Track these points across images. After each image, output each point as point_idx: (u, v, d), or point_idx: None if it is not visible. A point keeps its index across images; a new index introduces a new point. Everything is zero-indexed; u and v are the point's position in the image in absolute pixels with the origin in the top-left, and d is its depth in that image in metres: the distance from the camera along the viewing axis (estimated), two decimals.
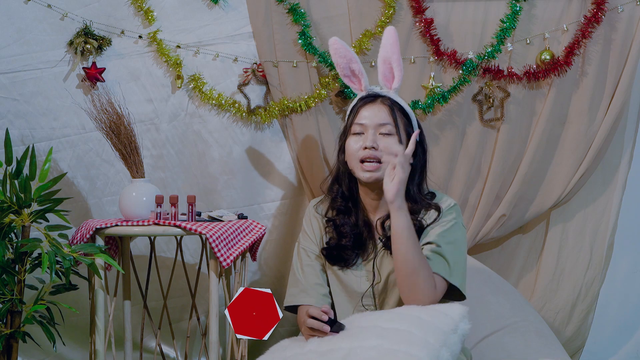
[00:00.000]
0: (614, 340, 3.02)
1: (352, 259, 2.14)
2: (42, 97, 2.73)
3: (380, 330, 1.83)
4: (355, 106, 2.18)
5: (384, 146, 2.10)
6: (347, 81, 2.27)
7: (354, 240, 2.14)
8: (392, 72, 2.19)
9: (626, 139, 2.89)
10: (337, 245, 2.15)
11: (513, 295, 2.70)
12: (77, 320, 2.74)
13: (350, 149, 2.13)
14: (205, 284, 2.71)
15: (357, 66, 2.23)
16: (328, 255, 2.17)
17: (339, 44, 2.26)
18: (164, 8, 2.76)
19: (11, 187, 2.33)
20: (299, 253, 2.22)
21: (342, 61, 2.26)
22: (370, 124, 2.12)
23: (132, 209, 2.39)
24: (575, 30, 2.77)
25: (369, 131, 2.11)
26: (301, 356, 1.86)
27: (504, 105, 2.79)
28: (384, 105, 2.14)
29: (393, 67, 2.18)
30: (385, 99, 2.16)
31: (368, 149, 2.09)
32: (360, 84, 2.23)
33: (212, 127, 2.79)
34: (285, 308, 2.21)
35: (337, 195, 2.20)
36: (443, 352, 1.80)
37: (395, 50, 2.18)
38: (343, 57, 2.25)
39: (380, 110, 2.13)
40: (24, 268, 2.33)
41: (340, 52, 2.25)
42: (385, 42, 2.20)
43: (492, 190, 2.82)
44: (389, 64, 2.19)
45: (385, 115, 2.13)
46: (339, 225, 2.16)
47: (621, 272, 3.00)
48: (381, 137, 2.11)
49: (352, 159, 2.13)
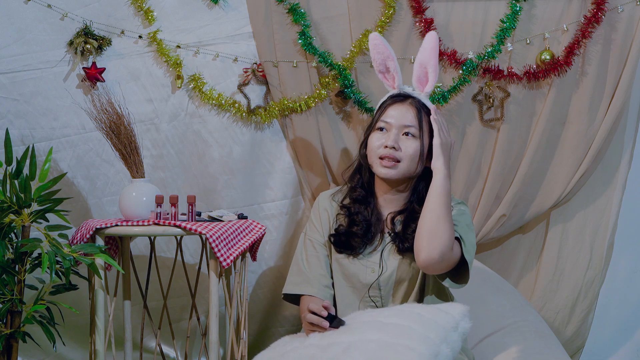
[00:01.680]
0: (614, 340, 3.02)
1: (359, 248, 2.17)
2: (42, 97, 2.73)
3: (381, 325, 1.84)
4: (385, 103, 2.22)
5: (404, 148, 2.13)
6: (382, 77, 2.30)
7: (365, 229, 2.17)
8: (426, 76, 2.22)
9: (626, 139, 2.89)
10: (346, 232, 2.18)
11: (513, 295, 2.70)
12: (77, 320, 2.74)
13: (372, 145, 2.17)
14: (205, 284, 2.71)
15: (394, 64, 2.26)
16: (336, 242, 2.20)
17: (378, 40, 2.29)
18: (164, 8, 2.76)
19: (11, 187, 2.33)
20: (305, 243, 2.26)
21: (379, 57, 2.28)
22: (396, 124, 2.16)
23: (132, 209, 2.39)
24: (575, 30, 2.77)
25: (393, 130, 2.15)
26: (301, 350, 1.87)
27: (504, 105, 2.79)
28: (412, 107, 2.17)
29: (428, 72, 2.21)
30: (415, 100, 2.19)
31: (389, 148, 2.13)
32: (394, 81, 2.26)
33: (212, 127, 2.79)
34: (285, 297, 2.22)
35: (357, 185, 2.24)
36: (443, 348, 1.80)
37: (434, 55, 2.21)
38: (381, 53, 2.28)
39: (408, 111, 2.17)
40: (24, 268, 2.33)
41: (379, 48, 2.28)
42: (426, 46, 2.22)
43: (492, 190, 2.82)
44: (424, 68, 2.22)
45: (412, 117, 2.16)
46: (353, 213, 2.20)
47: (621, 272, 3.00)
48: (404, 138, 2.15)
49: (372, 154, 2.17)
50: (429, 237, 2.01)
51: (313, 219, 2.27)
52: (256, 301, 2.92)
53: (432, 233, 2.01)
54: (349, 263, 2.18)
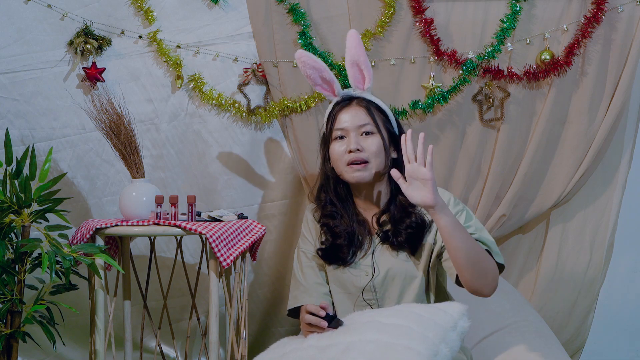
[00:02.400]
0: (614, 340, 3.03)
1: (348, 257, 2.16)
2: (42, 97, 2.73)
3: (380, 325, 1.84)
4: (332, 112, 2.22)
5: (367, 146, 2.13)
6: (320, 89, 2.31)
7: (349, 239, 2.16)
8: (361, 73, 2.24)
9: (626, 139, 2.89)
10: (332, 246, 2.18)
11: (513, 295, 2.70)
12: (77, 320, 2.74)
13: (336, 154, 2.17)
14: (205, 284, 2.71)
15: (328, 74, 2.27)
16: (324, 256, 2.19)
17: (306, 56, 2.30)
18: (164, 8, 2.76)
19: (11, 187, 2.33)
20: (299, 256, 2.26)
21: (312, 72, 2.29)
22: (351, 127, 2.16)
23: (132, 209, 2.39)
24: (575, 30, 2.77)
25: (351, 134, 2.15)
26: (300, 351, 1.87)
27: (504, 105, 2.79)
28: (360, 107, 2.18)
29: (362, 69, 2.23)
30: (360, 100, 2.20)
31: (353, 152, 2.13)
32: (333, 89, 2.27)
33: (212, 127, 2.79)
34: (289, 313, 2.23)
35: (325, 203, 2.23)
36: (442, 348, 1.80)
37: (361, 52, 2.22)
38: (312, 67, 2.29)
39: (357, 111, 2.17)
40: (24, 268, 2.33)
41: (309, 64, 2.29)
42: (349, 45, 2.24)
43: (492, 190, 2.82)
44: (357, 65, 2.23)
45: (364, 115, 2.16)
46: (332, 226, 2.19)
47: (621, 272, 3.00)
48: (363, 137, 2.15)
49: (339, 163, 2.16)
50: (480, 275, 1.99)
51: (304, 232, 2.28)
52: (256, 301, 2.92)
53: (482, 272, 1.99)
54: (341, 272, 2.18)
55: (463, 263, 1.98)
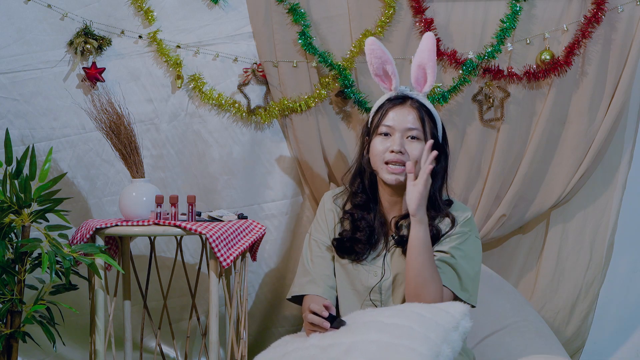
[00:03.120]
0: (614, 340, 3.02)
1: (363, 253, 2.15)
2: (42, 97, 2.73)
3: (381, 325, 1.84)
4: (384, 106, 2.19)
5: (410, 151, 2.12)
6: (378, 80, 2.28)
7: (368, 235, 2.16)
8: (425, 76, 2.22)
9: (626, 139, 2.89)
10: (350, 238, 2.17)
11: (513, 295, 2.70)
12: (77, 320, 2.73)
13: (376, 150, 2.15)
14: (205, 284, 2.71)
15: (392, 67, 2.24)
16: (339, 247, 2.18)
17: (376, 45, 2.27)
18: (164, 8, 2.76)
19: (11, 187, 2.33)
20: (310, 244, 2.24)
21: (376, 61, 2.26)
22: (398, 127, 2.14)
23: (132, 209, 2.39)
24: (575, 30, 2.77)
25: (396, 134, 2.13)
26: (302, 350, 1.87)
27: (504, 105, 2.79)
28: (413, 109, 2.16)
29: (427, 73, 2.21)
30: (414, 101, 2.18)
31: (395, 152, 2.11)
32: (391, 84, 2.24)
33: (212, 127, 2.79)
34: (292, 298, 2.22)
35: (358, 189, 2.22)
36: (444, 348, 1.80)
37: (432, 57, 2.20)
38: (378, 57, 2.26)
39: (409, 113, 2.15)
40: (24, 268, 2.33)
41: (376, 53, 2.26)
42: (423, 48, 2.22)
43: (492, 190, 2.82)
44: (423, 69, 2.22)
45: (414, 119, 2.14)
46: (357, 219, 2.18)
47: (621, 272, 3.00)
48: (408, 141, 2.13)
49: (377, 160, 2.15)
50: (417, 298, 2.02)
51: (319, 220, 2.25)
52: (256, 301, 2.92)
53: (418, 296, 2.02)
54: (352, 268, 2.17)
55: (409, 277, 2.03)
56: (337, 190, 2.30)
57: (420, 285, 2.01)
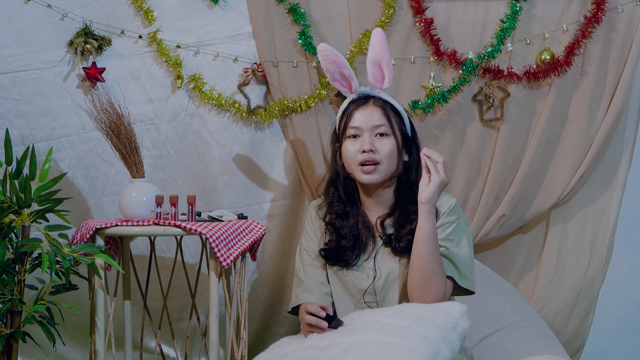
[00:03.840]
0: (614, 340, 3.02)
1: (352, 260, 2.15)
2: (42, 97, 2.73)
3: (380, 325, 1.84)
4: (348, 109, 2.20)
5: (381, 148, 2.12)
6: (337, 85, 2.29)
7: (354, 241, 2.15)
8: (382, 73, 2.22)
9: (626, 139, 2.89)
10: (336, 247, 2.17)
11: (513, 295, 2.70)
12: (77, 320, 2.74)
13: (348, 153, 2.15)
14: (205, 284, 2.71)
15: (348, 70, 2.25)
16: (327, 257, 2.18)
17: (328, 50, 2.27)
18: (164, 8, 2.76)
19: (11, 187, 2.33)
20: (301, 254, 2.24)
21: (332, 67, 2.27)
22: (365, 127, 2.14)
23: (132, 209, 2.39)
24: (575, 30, 2.76)
25: (365, 134, 2.13)
26: (300, 351, 1.87)
27: (504, 105, 2.79)
28: (377, 107, 2.16)
29: (383, 69, 2.21)
30: (377, 99, 2.18)
31: (366, 152, 2.11)
32: (351, 86, 2.25)
33: (212, 127, 2.79)
34: (291, 311, 2.22)
35: (333, 199, 2.22)
36: (442, 348, 1.80)
37: (385, 52, 2.20)
38: (333, 62, 2.27)
39: (373, 111, 2.15)
40: (24, 268, 2.33)
41: (330, 58, 2.27)
42: (374, 44, 2.22)
43: (492, 190, 2.82)
44: (378, 65, 2.21)
45: (379, 116, 2.15)
46: (338, 227, 2.18)
47: (621, 272, 3.00)
48: (377, 138, 2.14)
49: (351, 162, 2.15)
50: (422, 292, 2.01)
51: (307, 229, 2.26)
52: (256, 301, 2.92)
53: (424, 289, 2.01)
54: (344, 273, 2.17)
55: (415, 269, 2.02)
56: (319, 200, 2.30)
57: (427, 277, 2.00)
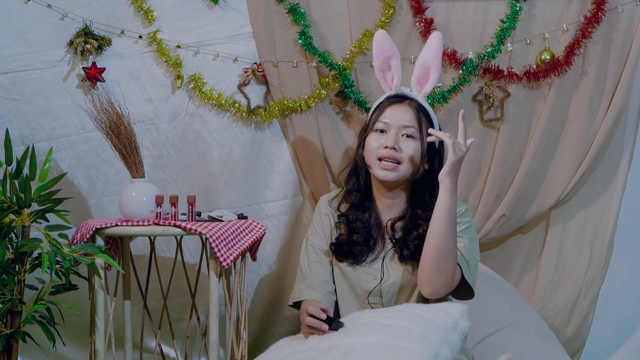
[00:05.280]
0: (613, 340, 3.02)
1: (362, 256, 2.14)
2: (42, 97, 2.73)
3: (380, 326, 1.83)
4: (382, 104, 2.19)
5: (404, 148, 2.11)
6: (380, 76, 2.26)
7: (365, 236, 2.15)
8: (427, 76, 2.20)
9: (626, 139, 2.89)
10: (348, 241, 2.16)
11: (513, 295, 2.70)
12: (77, 320, 2.74)
13: (370, 146, 2.14)
14: (205, 284, 2.71)
15: (396, 63, 2.23)
16: (337, 251, 2.17)
17: (384, 38, 2.26)
18: (164, 8, 2.76)
19: (11, 187, 2.33)
20: (307, 249, 2.23)
21: (382, 54, 2.25)
22: (394, 124, 2.13)
23: (132, 209, 2.39)
24: (575, 30, 2.77)
25: (392, 131, 2.12)
26: (301, 353, 1.87)
27: (504, 105, 2.79)
28: (411, 108, 2.15)
29: (431, 72, 2.19)
30: (413, 101, 2.17)
31: (389, 148, 2.10)
32: (392, 82, 2.23)
33: (212, 127, 2.79)
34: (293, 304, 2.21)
35: (353, 188, 2.21)
36: (443, 349, 1.80)
37: (438, 56, 2.19)
38: (385, 50, 2.25)
39: (406, 112, 2.14)
40: (24, 268, 2.33)
41: (383, 46, 2.25)
42: (430, 46, 2.21)
43: (492, 190, 2.82)
44: (427, 68, 2.20)
45: (411, 117, 2.13)
46: (352, 220, 2.17)
47: (621, 272, 3.00)
48: (403, 139, 2.12)
49: (370, 155, 2.14)
50: (434, 274, 2.01)
51: (315, 225, 2.24)
52: (256, 301, 2.92)
53: (437, 270, 2.00)
54: (351, 270, 2.16)
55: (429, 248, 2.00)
56: (332, 194, 2.29)
57: (441, 256, 1.99)
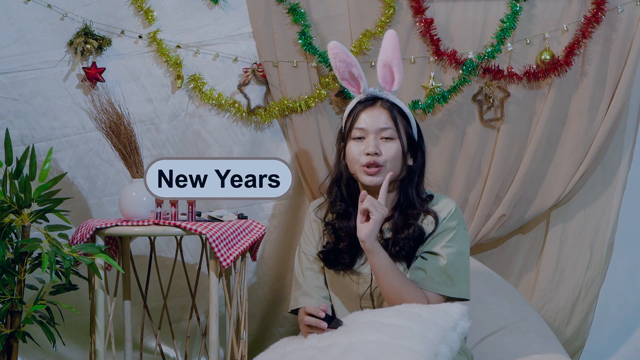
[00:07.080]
0: (613, 340, 3.02)
1: (348, 263, 2.13)
2: (42, 97, 2.73)
3: (380, 325, 1.83)
4: (355, 110, 2.17)
5: (385, 151, 2.10)
6: (346, 84, 2.26)
7: (350, 243, 2.14)
8: (392, 75, 2.19)
9: (626, 139, 2.89)
10: (333, 249, 2.15)
11: (513, 295, 2.70)
12: (77, 320, 2.74)
13: (352, 154, 2.13)
14: (205, 284, 2.71)
15: (357, 70, 2.22)
16: (325, 259, 2.17)
17: (339, 49, 2.24)
18: (164, 8, 2.76)
19: (11, 187, 2.33)
20: (300, 256, 2.23)
21: (341, 65, 2.24)
22: (371, 129, 2.11)
23: (132, 209, 2.39)
24: (575, 30, 2.77)
25: (370, 136, 2.11)
26: (300, 351, 1.87)
27: (504, 105, 2.79)
28: (384, 109, 2.13)
29: (393, 71, 2.18)
30: (385, 101, 2.15)
31: (370, 154, 2.09)
32: (359, 86, 2.22)
33: (212, 127, 2.79)
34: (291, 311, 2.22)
35: (336, 198, 2.20)
36: (442, 348, 1.80)
37: (396, 54, 2.17)
38: (342, 61, 2.24)
39: (380, 114, 2.13)
40: (24, 268, 2.33)
41: (340, 57, 2.24)
42: (386, 46, 2.19)
43: (492, 190, 2.82)
44: (389, 67, 2.19)
45: (386, 118, 2.12)
46: (337, 229, 2.16)
47: (621, 272, 3.00)
48: (382, 141, 2.11)
49: (354, 163, 2.13)
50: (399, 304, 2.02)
51: (306, 231, 2.24)
52: (256, 301, 2.92)
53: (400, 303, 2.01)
54: (341, 277, 2.16)
55: (384, 295, 2.04)
56: (319, 201, 2.28)
57: (398, 300, 2.00)
